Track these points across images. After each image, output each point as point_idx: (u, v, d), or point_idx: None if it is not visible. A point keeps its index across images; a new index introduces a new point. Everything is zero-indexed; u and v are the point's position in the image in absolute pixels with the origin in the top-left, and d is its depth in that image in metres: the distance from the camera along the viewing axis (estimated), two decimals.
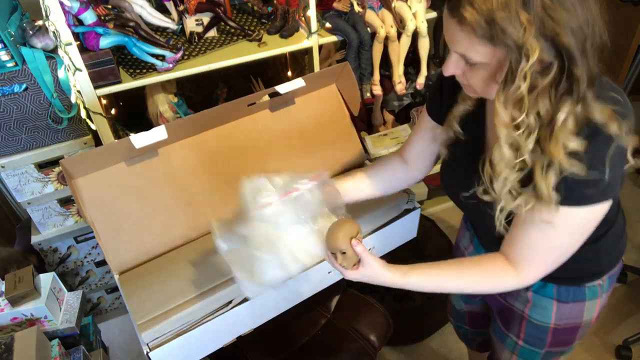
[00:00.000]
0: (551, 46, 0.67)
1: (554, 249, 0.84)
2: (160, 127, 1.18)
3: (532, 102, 0.72)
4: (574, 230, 0.81)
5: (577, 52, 0.67)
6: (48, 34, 1.34)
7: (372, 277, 0.92)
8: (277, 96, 1.34)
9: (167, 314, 1.04)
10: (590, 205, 0.77)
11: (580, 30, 0.67)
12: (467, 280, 0.90)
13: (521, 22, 0.65)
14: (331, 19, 1.62)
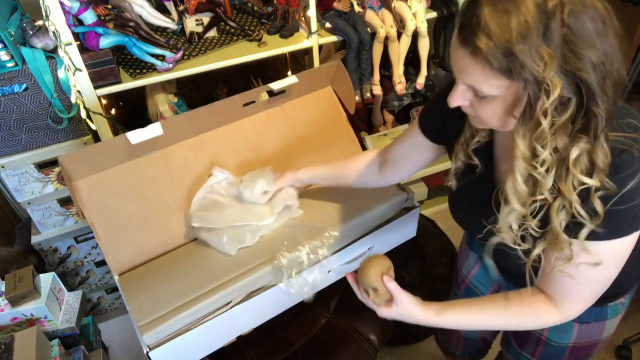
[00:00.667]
0: (571, 81, 0.65)
1: (594, 283, 0.81)
2: (156, 123, 1.18)
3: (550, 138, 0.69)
4: (612, 261, 0.78)
5: (597, 88, 0.65)
6: (48, 34, 1.34)
7: (405, 316, 0.90)
8: (276, 96, 1.34)
9: (168, 315, 1.04)
10: (628, 235, 0.75)
11: (601, 66, 0.65)
12: (505, 320, 0.87)
13: (542, 56, 0.62)
14: (331, 19, 1.62)
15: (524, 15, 0.61)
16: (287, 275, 1.13)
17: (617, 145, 0.70)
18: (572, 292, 0.81)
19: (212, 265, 1.16)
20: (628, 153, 0.70)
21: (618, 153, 0.70)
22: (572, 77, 0.64)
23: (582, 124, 0.68)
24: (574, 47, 0.63)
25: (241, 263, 1.15)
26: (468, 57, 0.67)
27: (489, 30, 0.63)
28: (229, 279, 1.11)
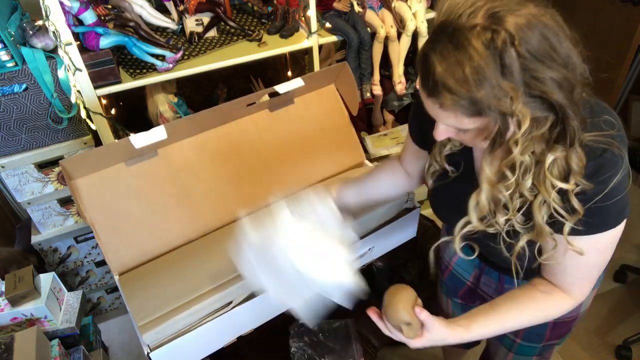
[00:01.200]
0: (542, 102, 0.67)
1: (596, 266, 0.84)
2: (160, 127, 1.18)
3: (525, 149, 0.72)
4: (608, 246, 0.81)
5: (567, 104, 0.67)
6: (48, 34, 1.34)
7: (437, 341, 0.89)
8: (277, 96, 1.34)
9: (168, 315, 1.04)
10: (619, 224, 0.78)
11: (565, 81, 0.66)
12: (529, 316, 0.89)
13: (506, 92, 0.64)
14: (331, 19, 1.62)
15: (476, 61, 0.63)
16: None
17: (598, 145, 0.73)
18: (578, 278, 0.85)
19: (213, 265, 1.16)
20: (609, 152, 0.72)
21: (600, 153, 0.73)
22: (542, 99, 0.66)
23: (558, 134, 0.70)
24: (534, 73, 0.64)
25: None
26: (438, 108, 0.69)
27: (448, 86, 0.65)
28: (229, 279, 1.11)
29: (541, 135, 0.71)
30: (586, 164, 0.72)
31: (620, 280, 2.00)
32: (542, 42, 0.64)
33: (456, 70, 0.64)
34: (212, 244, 1.25)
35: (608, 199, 0.74)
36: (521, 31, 0.63)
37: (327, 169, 1.47)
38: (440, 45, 0.66)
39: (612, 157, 0.73)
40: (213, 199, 1.30)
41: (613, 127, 0.74)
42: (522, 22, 0.63)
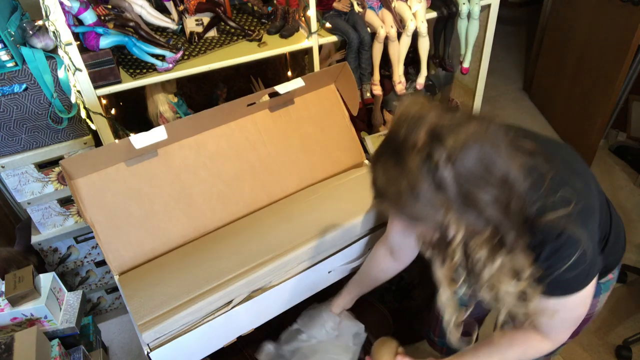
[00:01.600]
0: (478, 216, 0.70)
1: (569, 321, 0.90)
2: (160, 127, 1.18)
3: (470, 252, 0.78)
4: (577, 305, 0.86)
5: (502, 219, 0.71)
6: (48, 34, 1.34)
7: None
8: (277, 96, 1.34)
9: (168, 314, 1.04)
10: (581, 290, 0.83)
11: (500, 199, 0.70)
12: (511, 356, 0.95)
13: (439, 207, 0.68)
14: (331, 19, 1.62)
15: (412, 178, 0.68)
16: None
17: (553, 230, 0.76)
18: (554, 328, 0.90)
19: (212, 264, 1.16)
20: (564, 234, 0.76)
21: (555, 236, 0.77)
22: (478, 213, 0.70)
23: (498, 241, 0.76)
24: (468, 191, 0.68)
25: (241, 263, 1.15)
26: (386, 209, 0.76)
27: (387, 197, 0.72)
28: (229, 278, 1.11)
29: (483, 241, 0.76)
30: (544, 247, 0.77)
31: (620, 280, 2.00)
32: (478, 162, 0.67)
33: (394, 185, 0.70)
34: (212, 244, 1.25)
35: (570, 271, 0.78)
36: (458, 152, 0.66)
37: (327, 169, 1.47)
38: (384, 158, 0.72)
39: (567, 239, 0.76)
40: (213, 199, 1.31)
41: (569, 203, 0.77)
42: (460, 142, 0.66)
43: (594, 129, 2.43)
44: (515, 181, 0.70)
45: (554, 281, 0.80)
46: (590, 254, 0.79)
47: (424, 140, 0.68)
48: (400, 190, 0.69)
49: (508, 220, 0.72)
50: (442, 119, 0.68)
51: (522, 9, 4.14)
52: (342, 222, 1.24)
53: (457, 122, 0.68)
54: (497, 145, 0.69)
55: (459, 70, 1.92)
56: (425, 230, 0.77)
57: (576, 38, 2.49)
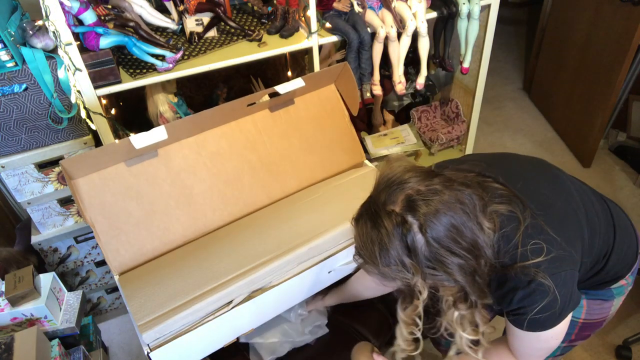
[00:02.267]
0: (447, 277, 0.76)
1: (542, 350, 0.94)
2: (160, 127, 1.18)
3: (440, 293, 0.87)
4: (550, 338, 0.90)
5: (467, 284, 0.77)
6: (48, 34, 1.34)
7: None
8: (277, 96, 1.34)
9: (168, 314, 1.04)
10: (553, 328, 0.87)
11: (467, 266, 0.75)
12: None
13: (409, 269, 0.75)
14: (331, 19, 1.62)
15: (385, 242, 0.75)
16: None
17: (524, 277, 0.81)
18: (525, 354, 0.95)
19: (212, 265, 1.16)
20: (534, 282, 0.81)
21: (525, 284, 0.82)
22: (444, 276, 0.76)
23: (462, 297, 0.84)
24: (438, 257, 0.74)
25: (241, 263, 1.15)
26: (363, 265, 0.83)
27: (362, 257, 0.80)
28: (229, 278, 1.11)
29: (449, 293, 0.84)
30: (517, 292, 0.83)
31: None
32: (448, 230, 0.74)
33: (368, 247, 0.78)
34: (212, 244, 1.25)
35: (541, 313, 0.83)
36: (430, 220, 0.73)
37: (327, 169, 1.47)
38: (362, 220, 0.80)
39: (537, 286, 0.81)
40: (213, 199, 1.31)
41: (541, 252, 0.81)
42: (432, 212, 0.73)
43: (594, 129, 2.43)
44: (483, 247, 0.76)
45: (527, 319, 0.84)
46: (563, 297, 0.82)
47: (400, 207, 0.75)
48: (374, 250, 0.76)
49: (473, 285, 0.78)
50: (420, 187, 0.75)
51: (522, 9, 4.15)
52: (342, 222, 1.24)
53: (432, 190, 0.74)
54: (468, 213, 0.75)
55: (459, 70, 1.92)
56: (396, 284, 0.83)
57: (576, 38, 2.49)
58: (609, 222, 0.98)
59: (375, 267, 0.79)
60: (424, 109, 2.22)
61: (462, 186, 0.77)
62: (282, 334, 1.34)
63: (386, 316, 1.47)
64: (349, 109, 1.51)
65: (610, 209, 1.00)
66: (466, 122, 2.11)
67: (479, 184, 0.81)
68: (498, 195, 0.83)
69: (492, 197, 0.81)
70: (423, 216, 0.73)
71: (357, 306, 1.41)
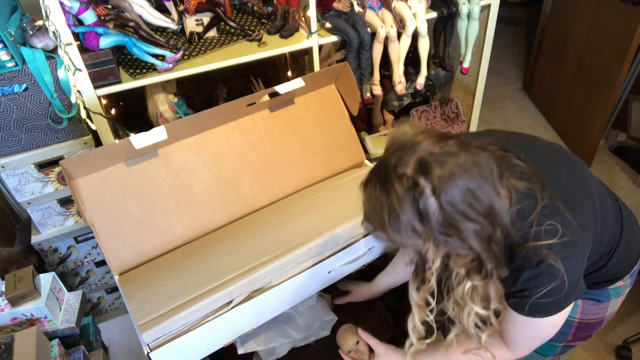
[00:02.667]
0: (461, 244, 0.72)
1: (537, 338, 0.92)
2: (160, 127, 1.18)
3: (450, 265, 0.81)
4: (548, 327, 0.88)
5: (483, 251, 0.73)
6: (48, 34, 1.34)
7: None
8: (277, 96, 1.34)
9: (168, 314, 1.04)
10: (553, 315, 0.85)
11: (483, 232, 0.71)
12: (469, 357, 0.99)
13: (420, 235, 0.71)
14: (331, 19, 1.62)
15: (395, 207, 0.70)
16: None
17: (534, 257, 0.78)
18: (519, 342, 0.93)
19: (212, 264, 1.16)
20: (544, 264, 0.78)
21: (535, 264, 0.78)
22: (460, 241, 0.72)
23: (476, 267, 0.79)
24: (453, 222, 0.70)
25: (241, 263, 1.15)
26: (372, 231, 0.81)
27: (371, 222, 0.76)
28: (229, 278, 1.11)
29: (462, 263, 0.79)
30: (523, 272, 0.79)
31: None
32: (464, 194, 0.69)
33: (377, 212, 0.74)
34: (212, 244, 1.25)
35: (546, 297, 0.80)
36: (444, 183, 0.68)
37: (327, 169, 1.47)
38: (372, 184, 0.75)
39: (546, 268, 0.78)
40: (213, 199, 1.30)
41: (555, 234, 0.78)
42: (447, 174, 0.68)
43: (594, 129, 2.43)
44: (500, 213, 0.73)
45: (529, 303, 0.82)
46: (570, 283, 0.80)
47: (412, 170, 0.70)
48: (383, 215, 0.72)
49: (489, 252, 0.74)
50: (433, 148, 0.70)
51: (522, 9, 4.15)
52: (342, 222, 1.24)
53: (447, 152, 0.70)
54: (485, 177, 0.71)
55: (459, 70, 1.92)
56: (407, 251, 0.81)
57: (576, 38, 2.49)
58: (617, 219, 0.97)
59: (384, 233, 0.74)
60: (424, 109, 2.22)
61: (479, 149, 0.72)
62: (281, 335, 1.34)
63: (386, 316, 1.47)
64: (349, 109, 1.51)
65: (620, 206, 1.00)
66: (466, 122, 2.11)
67: (499, 157, 0.76)
68: (518, 171, 0.79)
69: (512, 172, 0.77)
70: (437, 179, 0.68)
71: (357, 306, 1.40)
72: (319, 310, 1.38)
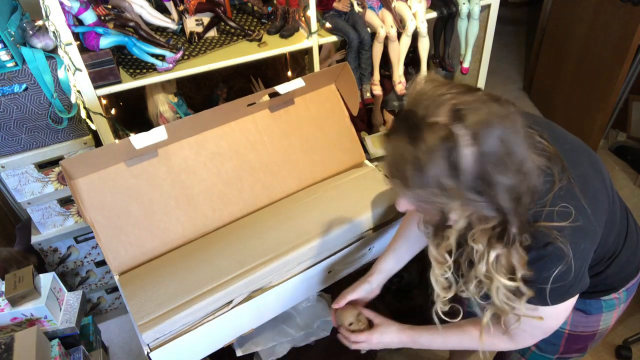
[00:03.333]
0: (489, 203, 0.68)
1: (540, 328, 0.89)
2: (160, 127, 1.18)
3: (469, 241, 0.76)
4: (554, 316, 0.85)
5: (511, 211, 0.69)
6: (48, 34, 1.34)
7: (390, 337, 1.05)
8: (277, 96, 1.34)
9: (168, 314, 1.04)
10: (557, 305, 0.82)
11: (514, 189, 0.67)
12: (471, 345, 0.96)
13: (446, 191, 0.66)
14: (331, 19, 1.62)
15: (422, 160, 0.65)
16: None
17: (543, 237, 0.75)
18: (521, 332, 0.89)
19: (212, 264, 1.16)
20: (552, 245, 0.75)
21: (543, 245, 0.75)
22: (489, 200, 0.68)
23: (498, 233, 0.73)
24: (485, 175, 0.65)
25: (241, 263, 1.15)
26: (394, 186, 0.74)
27: (394, 176, 0.71)
28: (229, 278, 1.11)
29: (484, 231, 0.74)
30: (529, 252, 0.76)
31: None
32: (500, 144, 0.64)
33: (401, 166, 0.68)
34: (212, 244, 1.25)
35: (549, 283, 0.77)
36: (481, 132, 0.63)
37: (327, 169, 1.47)
38: (397, 136, 0.69)
39: (553, 250, 0.75)
40: (213, 199, 1.30)
41: (568, 217, 0.75)
42: (483, 121, 0.64)
43: (594, 129, 2.43)
44: (530, 173, 0.68)
45: (531, 289, 0.79)
46: (576, 272, 0.77)
47: (445, 119, 0.64)
48: (408, 169, 0.67)
49: (516, 212, 0.70)
50: (465, 97, 0.66)
51: (522, 9, 4.14)
52: (342, 222, 1.24)
53: (479, 100, 0.65)
54: (517, 130, 0.66)
55: (459, 70, 1.92)
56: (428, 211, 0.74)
57: (576, 38, 2.49)
58: (623, 226, 0.94)
59: (407, 189, 0.69)
60: None
61: (509, 104, 0.68)
62: (280, 334, 1.34)
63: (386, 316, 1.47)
64: (349, 109, 1.51)
65: (627, 213, 0.97)
66: None
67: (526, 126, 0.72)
68: (539, 148, 0.75)
69: (533, 148, 0.72)
70: (474, 126, 0.63)
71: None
72: (318, 310, 1.38)
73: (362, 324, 1.10)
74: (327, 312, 1.39)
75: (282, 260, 1.15)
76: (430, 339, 0.99)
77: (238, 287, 1.10)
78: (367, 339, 1.05)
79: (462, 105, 0.64)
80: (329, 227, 1.22)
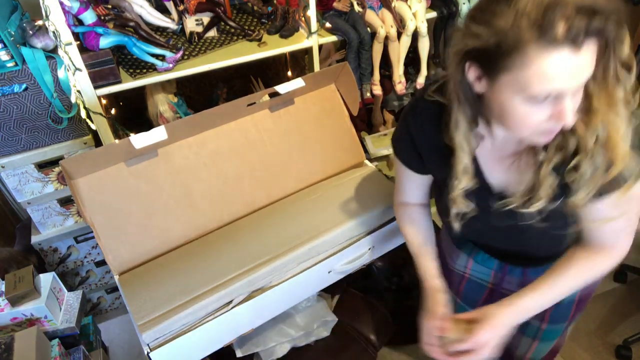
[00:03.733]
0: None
1: (634, 218, 0.83)
2: (160, 127, 1.18)
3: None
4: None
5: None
6: (48, 34, 1.34)
7: (502, 324, 0.87)
8: (277, 96, 1.34)
9: (168, 314, 1.04)
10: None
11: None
12: (577, 280, 0.88)
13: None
14: (331, 19, 1.62)
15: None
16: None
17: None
18: (619, 232, 0.83)
19: (212, 264, 1.16)
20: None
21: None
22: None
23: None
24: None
25: (241, 263, 1.15)
26: (589, 51, 0.67)
27: (604, 12, 0.66)
28: (229, 278, 1.11)
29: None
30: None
31: (620, 280, 2.00)
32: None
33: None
34: (212, 243, 1.25)
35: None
36: None
37: (327, 169, 1.47)
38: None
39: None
40: (213, 199, 1.31)
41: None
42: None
43: None
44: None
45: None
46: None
47: None
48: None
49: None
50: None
51: None
52: (342, 222, 1.24)
53: None
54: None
55: None
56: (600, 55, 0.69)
57: None
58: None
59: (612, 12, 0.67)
60: None
61: None
62: (279, 334, 1.34)
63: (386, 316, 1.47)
64: (349, 109, 1.51)
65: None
66: None
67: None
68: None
69: None
70: None
71: (357, 306, 1.41)
72: (318, 310, 1.38)
73: (467, 330, 0.91)
74: (328, 312, 1.39)
75: (282, 260, 1.15)
76: (542, 294, 0.88)
77: (238, 287, 1.10)
78: (486, 341, 0.87)
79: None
80: (329, 227, 1.22)
